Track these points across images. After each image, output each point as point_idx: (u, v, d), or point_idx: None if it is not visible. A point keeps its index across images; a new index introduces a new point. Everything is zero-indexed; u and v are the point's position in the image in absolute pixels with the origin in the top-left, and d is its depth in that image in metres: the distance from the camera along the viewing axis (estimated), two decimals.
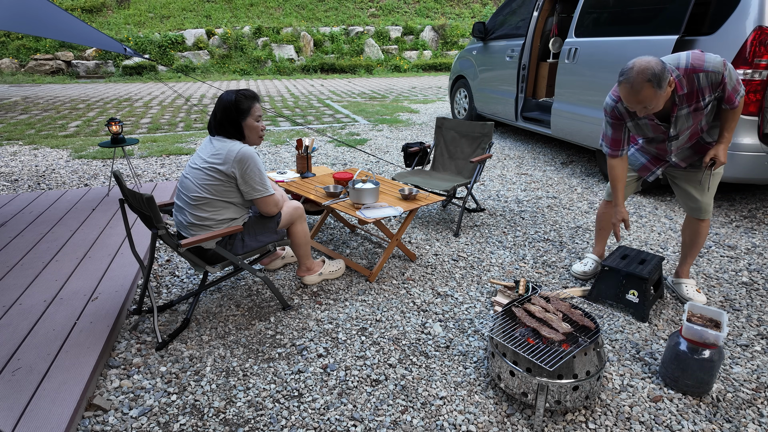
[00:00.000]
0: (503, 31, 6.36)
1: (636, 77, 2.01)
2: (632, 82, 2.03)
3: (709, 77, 2.12)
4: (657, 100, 2.06)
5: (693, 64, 2.13)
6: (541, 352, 1.82)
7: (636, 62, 2.04)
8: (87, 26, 3.38)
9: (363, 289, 2.81)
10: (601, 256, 2.97)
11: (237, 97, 2.31)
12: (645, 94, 2.03)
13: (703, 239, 2.63)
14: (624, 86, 2.06)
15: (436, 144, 4.09)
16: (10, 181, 4.85)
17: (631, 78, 2.03)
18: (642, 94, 2.03)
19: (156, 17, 17.83)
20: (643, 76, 2.00)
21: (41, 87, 12.96)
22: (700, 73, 2.12)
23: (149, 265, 2.31)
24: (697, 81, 2.13)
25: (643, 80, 2.00)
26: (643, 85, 2.01)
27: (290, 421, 1.85)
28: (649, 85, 2.00)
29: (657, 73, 2.00)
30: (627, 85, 2.05)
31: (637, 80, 2.01)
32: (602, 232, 2.93)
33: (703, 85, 2.14)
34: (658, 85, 2.01)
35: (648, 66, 2.00)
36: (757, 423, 1.85)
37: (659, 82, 2.00)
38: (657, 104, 2.08)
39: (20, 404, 1.80)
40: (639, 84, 2.01)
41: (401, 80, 15.24)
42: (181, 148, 6.22)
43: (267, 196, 2.37)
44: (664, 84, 2.02)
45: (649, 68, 2.00)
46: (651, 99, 2.04)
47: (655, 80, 2.00)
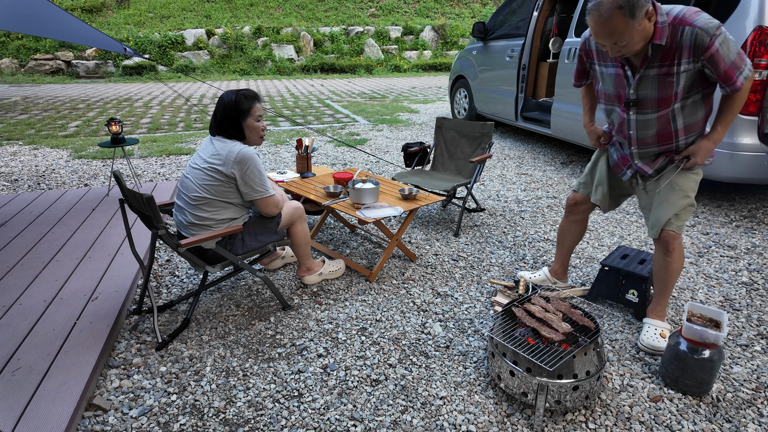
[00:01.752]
0: (503, 31, 6.37)
1: (605, 3, 1.71)
2: (600, 8, 1.73)
3: (694, 35, 1.78)
4: (630, 33, 1.75)
5: (684, 14, 1.80)
6: (541, 352, 1.82)
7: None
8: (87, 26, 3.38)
9: (363, 289, 2.81)
10: (555, 274, 2.72)
11: (237, 97, 2.31)
12: (615, 23, 1.72)
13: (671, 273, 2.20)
14: (592, 15, 1.77)
15: (436, 144, 4.09)
16: (10, 181, 4.85)
17: (598, 3, 1.74)
18: (611, 24, 1.73)
19: (156, 17, 17.83)
20: (614, 2, 1.70)
21: (41, 87, 12.96)
22: (687, 26, 1.79)
23: (149, 265, 2.31)
24: (681, 36, 1.80)
25: (613, 6, 1.70)
26: (613, 12, 1.71)
27: (290, 421, 1.85)
28: (620, 12, 1.70)
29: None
30: (595, 13, 1.75)
31: (606, 6, 1.71)
32: (561, 249, 2.67)
33: (684, 43, 1.80)
34: (631, 14, 1.70)
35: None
36: (757, 423, 1.85)
37: (632, 9, 1.70)
38: (630, 41, 1.78)
39: (20, 404, 1.80)
40: (608, 11, 1.71)
41: (401, 80, 15.24)
42: (181, 148, 6.22)
43: (267, 197, 2.37)
44: (638, 12, 1.71)
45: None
46: (622, 31, 1.74)
47: (627, 6, 1.69)
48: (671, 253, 2.16)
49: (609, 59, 2.04)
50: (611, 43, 1.81)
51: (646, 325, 2.32)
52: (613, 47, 1.83)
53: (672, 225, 2.13)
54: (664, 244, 2.17)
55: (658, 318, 2.33)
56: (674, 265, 2.20)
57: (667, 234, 2.15)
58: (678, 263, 2.19)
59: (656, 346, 2.22)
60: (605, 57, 2.06)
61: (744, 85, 1.87)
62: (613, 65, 2.02)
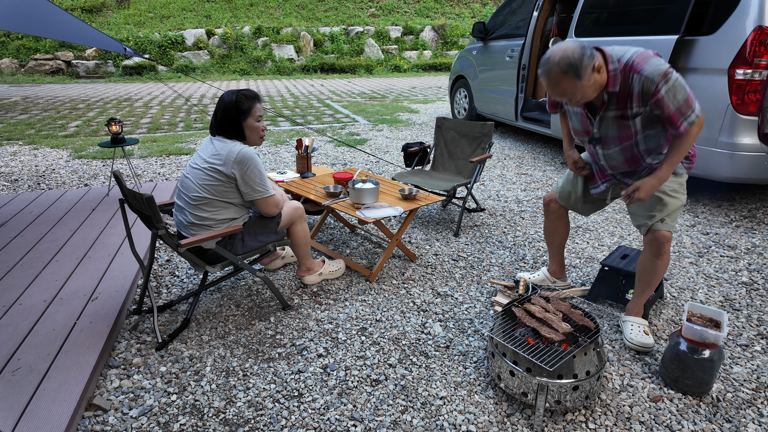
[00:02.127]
0: (503, 31, 6.37)
1: (552, 68, 1.84)
2: (549, 73, 1.86)
3: (642, 83, 1.87)
4: (581, 90, 1.87)
5: (634, 62, 1.88)
6: (541, 352, 1.82)
7: (554, 51, 1.85)
8: (87, 26, 3.38)
9: (363, 289, 2.81)
10: (554, 274, 2.74)
11: (237, 97, 2.30)
12: (564, 86, 1.86)
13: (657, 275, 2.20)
14: (543, 79, 1.89)
15: (436, 144, 4.09)
16: (10, 181, 4.85)
17: (547, 69, 1.86)
18: (561, 87, 1.86)
19: (156, 17, 17.83)
20: (559, 68, 1.82)
21: (41, 87, 12.96)
22: (635, 74, 1.88)
23: (149, 265, 2.31)
24: (631, 82, 1.90)
25: (560, 71, 1.82)
26: (561, 76, 1.83)
27: (290, 421, 1.85)
28: (566, 76, 1.82)
29: (574, 63, 1.80)
30: (545, 79, 1.88)
31: (554, 71, 1.84)
32: (552, 248, 2.69)
33: (634, 90, 1.90)
34: (577, 76, 1.82)
35: (565, 55, 1.81)
36: (757, 423, 1.85)
37: (577, 71, 1.81)
38: (583, 94, 1.89)
39: (20, 404, 1.80)
40: (556, 75, 1.84)
41: (401, 80, 15.24)
42: (181, 148, 6.22)
43: (267, 197, 2.37)
44: (584, 73, 1.82)
45: (566, 58, 1.81)
46: (572, 90, 1.87)
47: (572, 71, 1.81)
48: (661, 256, 2.16)
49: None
50: (566, 100, 1.94)
51: (628, 323, 2.33)
52: (569, 102, 1.96)
53: (663, 224, 2.14)
54: (655, 245, 2.15)
55: (637, 315, 2.35)
56: (662, 268, 2.20)
57: (659, 234, 2.13)
58: (665, 266, 2.20)
59: (645, 343, 2.23)
60: None
61: (688, 130, 1.92)
62: (578, 107, 2.14)
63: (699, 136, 3.76)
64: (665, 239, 2.13)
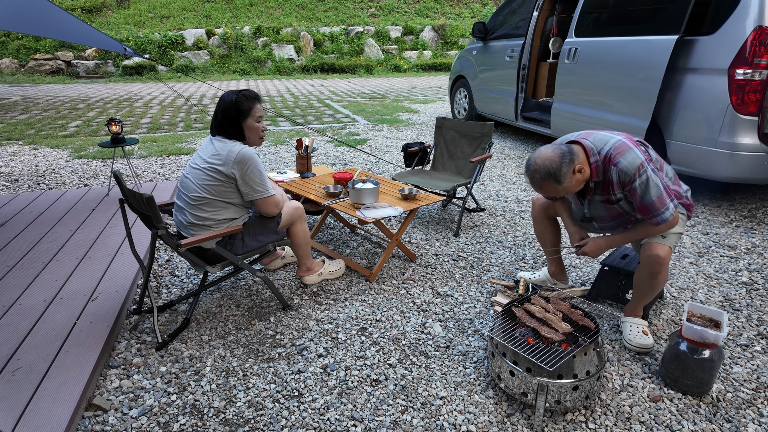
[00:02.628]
0: (503, 31, 6.37)
1: (534, 175, 2.03)
2: (532, 179, 2.06)
3: (618, 174, 2.01)
4: (564, 191, 2.04)
5: (611, 155, 2.02)
6: (541, 352, 1.82)
7: (536, 158, 2.02)
8: (87, 26, 3.38)
9: (363, 289, 2.81)
10: (555, 275, 2.72)
11: (237, 98, 2.30)
12: (546, 189, 2.05)
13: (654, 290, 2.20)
14: (527, 180, 2.10)
15: (436, 144, 4.09)
16: (10, 181, 4.85)
17: (530, 175, 2.06)
18: (544, 189, 2.05)
19: (156, 17, 17.83)
20: (539, 175, 2.01)
21: (41, 87, 12.96)
22: (612, 166, 2.02)
23: (149, 265, 2.31)
24: (611, 173, 2.05)
25: (540, 178, 2.02)
26: (542, 182, 2.03)
27: (290, 421, 1.85)
28: (547, 182, 2.01)
29: (553, 172, 1.97)
30: (529, 181, 2.08)
31: (535, 177, 2.04)
32: (546, 250, 2.69)
33: (614, 180, 2.05)
34: (557, 181, 1.99)
35: (544, 164, 1.98)
36: (757, 423, 1.85)
37: (557, 178, 1.98)
38: (567, 192, 2.06)
39: (20, 404, 1.80)
40: (538, 181, 2.04)
41: (401, 80, 15.24)
42: (181, 148, 6.22)
43: (267, 197, 2.37)
44: (564, 179, 1.99)
45: (545, 167, 1.98)
46: (555, 192, 2.05)
47: (552, 178, 1.99)
48: (656, 275, 2.12)
49: None
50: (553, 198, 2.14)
51: (627, 323, 2.33)
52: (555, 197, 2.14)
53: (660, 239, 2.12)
54: (650, 262, 2.10)
55: (635, 316, 2.35)
56: (658, 286, 2.18)
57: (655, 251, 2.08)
58: (662, 283, 2.17)
59: (644, 344, 2.23)
60: None
61: (661, 226, 2.05)
62: None
63: (699, 136, 3.77)
64: (661, 259, 2.08)
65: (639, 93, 4.15)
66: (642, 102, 4.12)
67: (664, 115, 4.07)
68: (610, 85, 4.50)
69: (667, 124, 4.06)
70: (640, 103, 4.14)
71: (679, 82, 3.92)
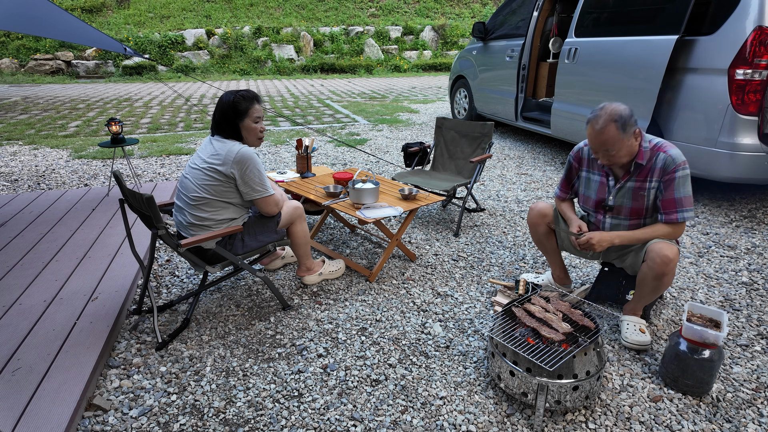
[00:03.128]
0: (503, 31, 6.37)
1: (602, 115, 2.07)
2: (597, 119, 2.08)
3: (665, 161, 2.11)
4: (620, 145, 2.07)
5: (661, 144, 2.15)
6: (541, 352, 1.82)
7: (605, 104, 2.09)
8: (87, 26, 3.38)
9: (363, 289, 2.81)
10: (559, 280, 2.69)
11: (235, 98, 2.30)
12: (609, 134, 2.05)
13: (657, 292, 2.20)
14: (590, 125, 2.10)
15: (436, 144, 4.09)
16: (10, 181, 4.85)
17: (597, 116, 2.08)
18: (605, 134, 2.06)
19: (156, 17, 17.83)
20: (609, 117, 2.04)
21: (41, 87, 12.96)
22: (661, 152, 2.13)
23: (149, 265, 2.31)
24: (656, 159, 2.14)
25: (609, 120, 2.04)
26: (608, 124, 2.04)
27: (290, 421, 1.85)
28: (614, 125, 2.04)
29: (623, 116, 2.04)
30: (593, 123, 2.09)
31: (603, 119, 2.06)
32: (548, 255, 2.65)
33: (657, 165, 2.13)
34: (623, 128, 2.04)
35: (616, 109, 2.06)
36: (757, 423, 1.85)
37: (624, 125, 2.04)
38: (619, 151, 2.09)
39: (20, 404, 1.80)
40: (604, 122, 2.05)
41: (401, 80, 15.24)
42: (181, 148, 6.22)
43: (267, 197, 2.37)
44: (629, 129, 2.05)
45: (617, 111, 2.05)
46: (614, 142, 2.06)
47: (620, 121, 2.04)
48: (662, 277, 2.10)
49: (597, 168, 2.34)
50: (604, 150, 2.11)
51: (625, 322, 2.34)
52: (604, 154, 2.13)
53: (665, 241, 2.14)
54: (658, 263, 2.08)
55: (634, 314, 2.35)
56: (662, 288, 2.16)
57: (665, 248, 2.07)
58: (667, 285, 2.15)
59: (640, 341, 2.24)
60: (594, 166, 2.36)
61: (676, 226, 2.14)
62: (599, 174, 2.33)
63: (699, 136, 3.77)
64: (669, 260, 2.06)
65: (639, 93, 4.15)
66: (642, 102, 4.12)
67: (664, 115, 4.07)
68: (610, 85, 4.50)
69: (667, 124, 4.06)
70: (640, 103, 4.14)
71: (679, 82, 3.92)
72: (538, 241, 2.61)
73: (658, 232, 2.16)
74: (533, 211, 2.55)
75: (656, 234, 2.16)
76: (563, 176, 2.52)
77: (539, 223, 2.54)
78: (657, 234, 2.16)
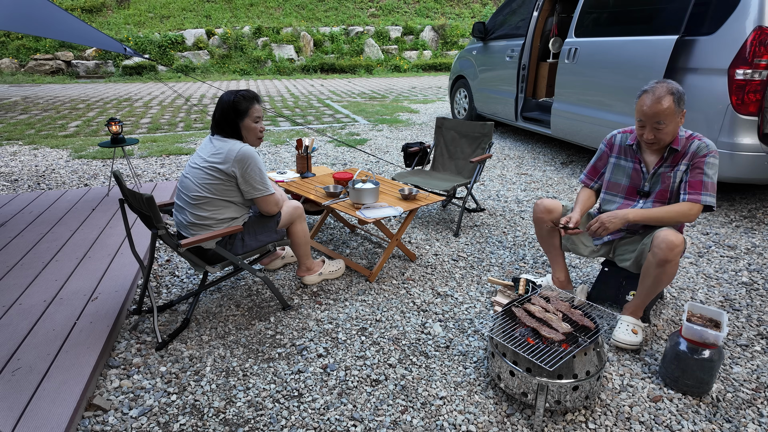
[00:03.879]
0: (503, 31, 6.37)
1: (660, 87, 2.10)
2: (656, 90, 2.10)
3: (698, 146, 2.16)
4: (672, 119, 2.10)
5: (697, 135, 2.20)
6: (541, 352, 1.82)
7: (659, 81, 2.14)
8: (87, 26, 3.38)
9: (363, 289, 2.81)
10: (560, 284, 2.62)
11: (235, 98, 2.30)
12: (665, 104, 2.07)
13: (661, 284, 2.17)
14: (646, 95, 2.12)
15: (436, 144, 4.09)
16: (10, 181, 4.85)
17: (655, 88, 2.11)
18: (662, 103, 2.07)
19: (156, 17, 17.83)
20: (667, 88, 2.08)
21: (41, 87, 12.96)
22: (696, 140, 2.18)
23: (149, 265, 2.31)
24: (690, 145, 2.19)
25: (667, 91, 2.08)
26: (666, 95, 2.07)
27: (290, 421, 1.85)
28: (671, 97, 2.07)
29: (680, 91, 2.09)
30: (650, 93, 2.11)
31: (661, 89, 2.09)
32: (551, 255, 2.61)
33: (690, 150, 2.18)
34: (678, 102, 2.08)
35: (672, 84, 2.11)
36: (757, 423, 1.85)
37: (679, 99, 2.09)
38: (667, 126, 2.11)
39: (20, 404, 1.80)
40: (662, 92, 2.08)
41: (401, 80, 15.24)
42: (181, 148, 6.22)
43: (267, 196, 2.37)
44: (682, 104, 2.10)
45: (674, 85, 2.10)
46: (668, 114, 2.08)
47: (677, 94, 2.08)
48: (665, 264, 2.06)
49: (629, 155, 2.35)
50: (655, 123, 2.11)
51: (620, 321, 2.33)
52: (654, 127, 2.13)
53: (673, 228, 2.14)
54: (662, 248, 2.04)
55: (632, 315, 2.33)
56: (665, 279, 2.13)
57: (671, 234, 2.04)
58: (670, 276, 2.12)
59: (627, 340, 2.23)
60: (626, 153, 2.37)
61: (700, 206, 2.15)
62: (632, 160, 2.35)
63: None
64: (675, 246, 2.03)
65: None
66: None
67: None
68: (610, 85, 4.50)
69: None
70: None
71: (679, 82, 3.92)
72: (542, 239, 2.56)
73: (674, 209, 2.15)
74: (539, 206, 2.48)
75: (672, 210, 2.15)
76: (592, 162, 2.51)
77: (545, 219, 2.47)
78: (673, 210, 2.15)
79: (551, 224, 2.47)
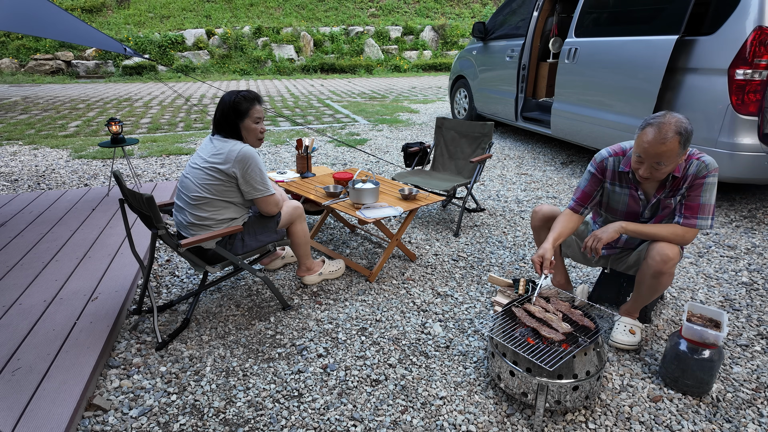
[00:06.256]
0: (503, 31, 6.37)
1: (667, 124, 1.88)
2: (662, 128, 1.88)
3: (698, 166, 2.01)
4: (674, 161, 1.93)
5: (695, 153, 2.05)
6: (541, 352, 1.82)
7: (668, 113, 1.92)
8: (87, 26, 3.38)
9: (363, 289, 2.81)
10: (560, 286, 2.58)
11: (236, 98, 2.30)
12: (670, 145, 1.87)
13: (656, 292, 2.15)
14: (650, 130, 1.90)
15: (436, 144, 4.09)
16: (10, 181, 4.85)
17: (661, 123, 1.89)
18: (667, 145, 1.87)
19: (156, 17, 17.83)
20: (675, 128, 1.87)
21: (41, 87, 12.96)
22: (695, 160, 2.02)
23: (149, 265, 2.31)
24: (689, 167, 2.03)
25: (674, 131, 1.86)
26: (672, 136, 1.86)
27: (290, 421, 1.85)
28: (677, 138, 1.86)
29: (688, 131, 1.89)
30: (655, 130, 1.89)
31: (667, 128, 1.87)
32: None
33: (689, 173, 2.03)
34: (684, 144, 1.89)
35: (681, 121, 1.89)
36: (757, 423, 1.85)
37: (686, 141, 1.89)
38: (668, 167, 1.94)
39: (20, 404, 1.80)
40: (668, 132, 1.87)
41: (401, 80, 15.24)
42: (181, 148, 6.22)
43: (267, 196, 2.37)
44: (687, 146, 1.92)
45: (683, 123, 1.88)
46: (670, 155, 1.89)
47: (684, 135, 1.87)
48: (660, 276, 2.06)
49: (624, 182, 2.18)
50: (655, 163, 1.93)
51: (617, 322, 2.33)
52: (652, 167, 1.95)
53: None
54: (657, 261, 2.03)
55: (630, 316, 2.32)
56: (660, 288, 2.12)
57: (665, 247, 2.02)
58: (665, 286, 2.11)
59: (624, 341, 2.23)
60: (621, 179, 2.20)
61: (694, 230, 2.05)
62: (627, 187, 2.19)
63: (699, 136, 3.78)
64: (669, 259, 2.01)
65: (639, 93, 4.15)
66: (642, 102, 4.12)
67: None
68: (610, 85, 4.50)
69: None
70: (640, 103, 4.14)
71: (679, 82, 3.92)
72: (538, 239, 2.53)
73: (670, 230, 2.06)
74: (537, 214, 2.42)
75: (666, 232, 2.06)
76: (582, 188, 2.27)
77: (543, 226, 2.43)
78: (667, 232, 2.05)
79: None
